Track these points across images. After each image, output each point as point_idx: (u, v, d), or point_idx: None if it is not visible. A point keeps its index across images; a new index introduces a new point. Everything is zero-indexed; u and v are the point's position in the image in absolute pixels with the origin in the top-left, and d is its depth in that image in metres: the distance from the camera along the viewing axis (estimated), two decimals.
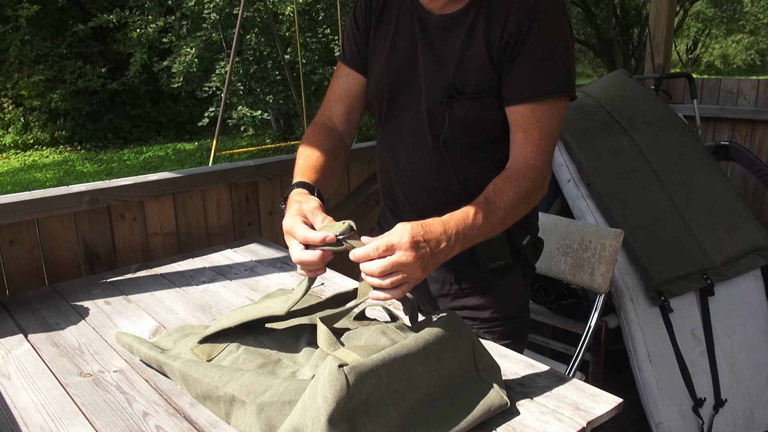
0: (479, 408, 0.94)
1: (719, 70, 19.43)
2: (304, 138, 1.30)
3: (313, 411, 0.83)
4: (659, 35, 3.68)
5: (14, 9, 10.49)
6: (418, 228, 0.95)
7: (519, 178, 1.13)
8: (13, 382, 1.12)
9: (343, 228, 0.96)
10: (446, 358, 0.96)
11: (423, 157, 1.28)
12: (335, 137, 1.32)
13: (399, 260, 0.92)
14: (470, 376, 0.98)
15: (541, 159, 1.17)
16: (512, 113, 1.19)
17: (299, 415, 0.85)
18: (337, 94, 1.36)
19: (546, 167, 1.18)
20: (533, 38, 1.14)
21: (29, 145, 11.10)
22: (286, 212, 1.05)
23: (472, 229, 1.03)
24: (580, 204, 2.34)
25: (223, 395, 0.97)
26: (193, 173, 1.95)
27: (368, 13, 1.33)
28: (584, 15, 15.05)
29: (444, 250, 0.98)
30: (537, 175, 1.16)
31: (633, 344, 2.12)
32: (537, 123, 1.17)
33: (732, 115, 3.54)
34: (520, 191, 1.11)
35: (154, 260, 1.80)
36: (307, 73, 9.22)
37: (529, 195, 1.13)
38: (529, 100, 1.16)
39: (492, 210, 1.07)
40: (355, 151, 2.41)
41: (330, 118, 1.35)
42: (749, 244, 2.42)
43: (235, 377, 0.97)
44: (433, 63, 1.23)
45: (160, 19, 9.92)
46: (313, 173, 1.17)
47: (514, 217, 1.13)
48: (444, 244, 0.98)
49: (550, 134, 1.18)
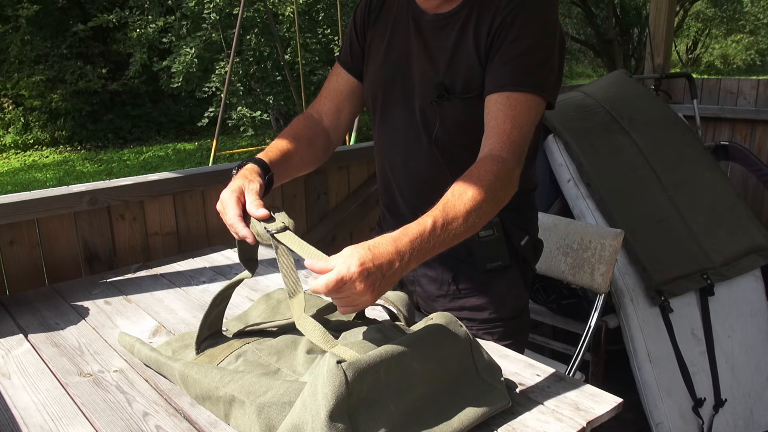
0: (480, 407, 0.94)
1: (719, 70, 19.43)
2: (288, 125, 1.32)
3: (312, 408, 0.83)
4: (659, 35, 3.68)
5: (14, 9, 10.48)
6: (365, 253, 0.89)
7: (481, 173, 1.05)
8: (13, 382, 1.12)
9: (279, 226, 0.99)
10: (444, 357, 0.96)
11: (418, 156, 1.29)
12: (317, 129, 1.34)
13: (347, 292, 0.89)
14: (470, 375, 0.98)
15: (509, 150, 1.09)
16: (487, 103, 1.14)
17: (299, 412, 0.85)
18: (328, 91, 1.39)
19: (514, 159, 1.10)
20: (515, 33, 1.13)
21: (29, 145, 11.10)
22: (230, 182, 1.08)
23: (429, 241, 0.96)
24: (580, 204, 2.34)
25: (223, 395, 0.96)
26: (193, 173, 1.95)
27: (367, 12, 1.34)
28: (584, 15, 15.06)
29: (398, 271, 0.92)
30: (501, 167, 1.07)
31: (633, 344, 2.12)
32: (511, 111, 1.11)
33: (732, 115, 3.54)
34: (483, 188, 1.03)
35: (154, 260, 1.80)
36: (307, 73, 9.22)
37: (494, 191, 1.04)
38: (504, 89, 1.12)
39: (452, 217, 0.99)
40: (355, 151, 2.41)
41: (318, 112, 1.38)
42: (749, 244, 2.42)
43: (236, 378, 0.97)
44: (425, 62, 1.23)
45: (160, 19, 9.92)
46: (276, 154, 1.20)
47: (482, 217, 1.04)
48: (397, 264, 0.92)
49: (524, 126, 1.11)
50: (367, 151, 2.39)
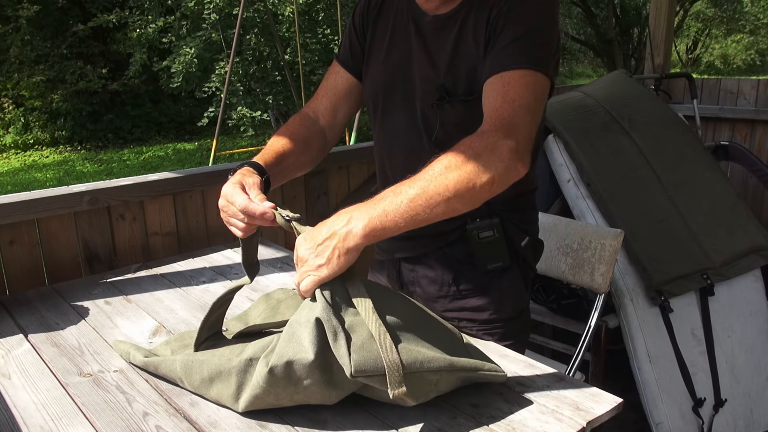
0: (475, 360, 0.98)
1: (719, 70, 19.43)
2: (284, 125, 1.32)
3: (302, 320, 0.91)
4: (659, 35, 3.68)
5: (14, 9, 10.48)
6: (321, 222, 0.97)
7: (455, 146, 1.02)
8: (13, 382, 1.12)
9: (292, 215, 1.01)
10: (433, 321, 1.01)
11: (419, 158, 1.28)
12: (314, 129, 1.34)
13: (296, 261, 0.96)
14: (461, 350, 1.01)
15: (493, 123, 1.04)
16: (484, 89, 1.11)
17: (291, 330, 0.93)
18: (325, 90, 1.39)
19: (498, 129, 1.02)
20: (510, 21, 1.12)
21: (29, 145, 11.10)
22: (228, 180, 1.10)
23: (386, 201, 0.95)
24: (580, 204, 2.34)
25: (237, 364, 0.97)
26: (193, 173, 1.95)
27: (366, 12, 1.34)
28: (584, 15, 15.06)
29: (334, 235, 0.93)
30: (476, 138, 1.02)
31: (633, 344, 2.12)
32: (503, 88, 1.06)
33: (732, 115, 3.54)
34: (446, 157, 0.99)
35: (154, 260, 1.80)
36: (307, 73, 9.22)
37: (467, 159, 0.98)
38: (499, 70, 1.09)
39: (415, 179, 0.97)
40: (355, 151, 2.41)
41: (314, 111, 1.38)
42: (749, 244, 2.42)
43: (249, 346, 0.99)
44: (425, 64, 1.23)
45: (160, 19, 9.93)
46: (272, 156, 1.21)
47: (443, 184, 0.96)
48: (331, 229, 0.94)
49: (516, 99, 1.05)
50: (367, 151, 2.39)
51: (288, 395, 0.94)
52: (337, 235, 0.94)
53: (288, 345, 0.92)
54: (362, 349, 0.87)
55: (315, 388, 0.93)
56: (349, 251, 0.93)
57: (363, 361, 0.87)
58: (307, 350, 0.89)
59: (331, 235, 0.94)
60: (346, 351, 0.87)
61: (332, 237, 0.94)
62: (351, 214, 0.95)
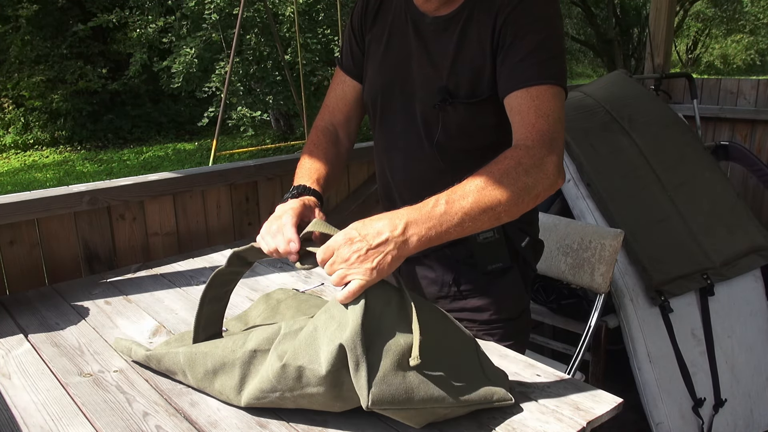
0: (482, 390, 0.95)
1: (719, 70, 19.43)
2: (310, 142, 1.33)
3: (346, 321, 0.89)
4: (659, 35, 3.68)
5: (14, 9, 10.49)
6: (356, 224, 0.93)
7: (499, 159, 1.03)
8: (13, 382, 1.12)
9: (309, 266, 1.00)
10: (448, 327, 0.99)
11: (419, 161, 1.28)
12: (339, 144, 1.36)
13: (337, 264, 0.92)
14: (475, 372, 0.99)
15: (535, 138, 1.06)
16: (508, 102, 1.12)
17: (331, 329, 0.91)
18: (335, 101, 1.39)
19: (542, 147, 1.05)
20: (523, 29, 1.12)
21: (29, 145, 11.11)
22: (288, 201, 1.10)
23: (432, 215, 0.95)
24: (580, 204, 2.34)
25: (241, 355, 0.98)
26: (193, 173, 1.95)
27: (364, 14, 1.33)
28: (584, 15, 15.06)
29: (391, 242, 0.92)
30: (524, 153, 1.04)
31: (633, 344, 2.12)
32: (533, 102, 1.09)
33: (732, 115, 3.54)
34: (499, 172, 1.00)
35: (154, 260, 1.80)
36: (307, 73, 9.22)
37: (514, 176, 1.00)
38: (525, 85, 1.10)
39: (460, 195, 0.97)
40: (354, 151, 2.38)
41: (332, 123, 1.39)
42: (749, 244, 2.42)
43: (252, 337, 0.99)
44: (426, 66, 1.22)
45: (160, 19, 9.93)
46: (321, 181, 1.22)
47: (501, 201, 0.99)
48: (387, 234, 0.92)
49: (550, 114, 1.08)
50: (367, 151, 2.39)
51: (293, 397, 0.94)
52: (393, 242, 0.92)
53: (306, 350, 0.91)
54: (383, 382, 0.87)
55: (321, 398, 0.93)
56: (400, 259, 0.93)
57: (381, 395, 0.86)
58: (321, 365, 0.89)
59: (386, 241, 0.92)
60: (366, 383, 0.86)
61: (387, 243, 0.92)
62: (406, 221, 0.93)
